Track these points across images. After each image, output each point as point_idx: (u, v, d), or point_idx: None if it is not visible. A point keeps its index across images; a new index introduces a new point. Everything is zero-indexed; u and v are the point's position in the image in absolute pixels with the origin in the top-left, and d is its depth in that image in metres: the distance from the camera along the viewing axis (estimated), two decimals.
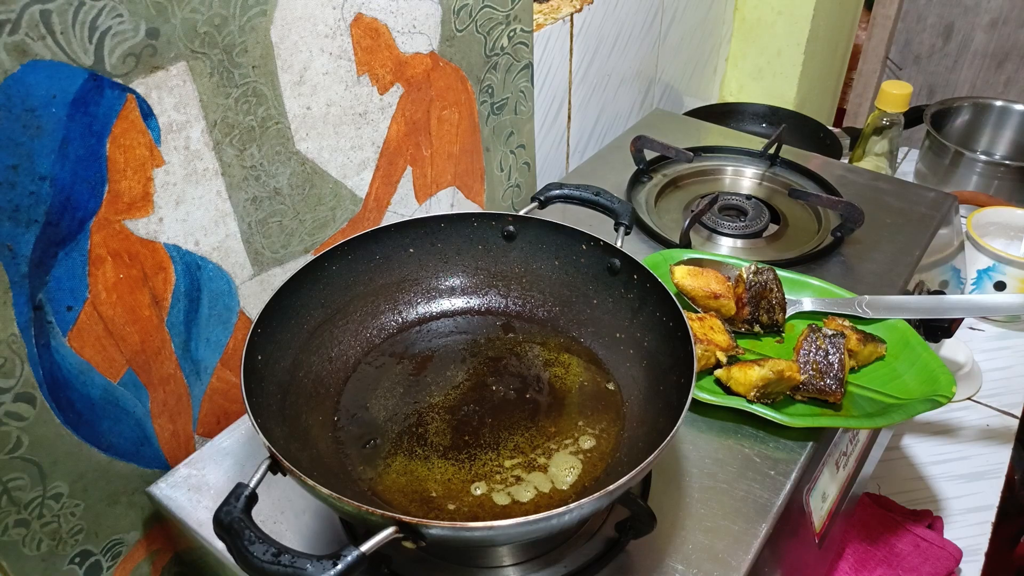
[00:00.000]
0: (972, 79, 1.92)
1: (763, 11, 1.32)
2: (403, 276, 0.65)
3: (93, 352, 0.54)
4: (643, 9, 1.05)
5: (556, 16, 0.88)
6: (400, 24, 0.67)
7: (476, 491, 0.51)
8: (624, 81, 1.08)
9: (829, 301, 0.70)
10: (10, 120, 0.45)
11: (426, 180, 0.78)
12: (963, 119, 1.22)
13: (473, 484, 0.52)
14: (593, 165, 0.98)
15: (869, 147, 1.06)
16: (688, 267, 0.69)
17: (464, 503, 0.51)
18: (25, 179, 0.47)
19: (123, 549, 0.63)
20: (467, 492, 0.51)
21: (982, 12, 1.83)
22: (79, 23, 0.46)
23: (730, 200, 0.88)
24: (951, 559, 0.69)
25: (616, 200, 0.67)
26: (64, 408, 0.54)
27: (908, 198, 0.88)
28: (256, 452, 0.62)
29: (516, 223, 0.65)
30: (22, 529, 0.54)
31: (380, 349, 0.63)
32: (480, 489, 0.51)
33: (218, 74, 0.55)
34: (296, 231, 0.67)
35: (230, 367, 0.65)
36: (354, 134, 0.68)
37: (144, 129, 0.52)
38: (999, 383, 0.84)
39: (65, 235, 0.50)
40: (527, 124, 0.88)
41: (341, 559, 0.38)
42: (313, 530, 0.57)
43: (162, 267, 0.57)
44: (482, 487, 0.52)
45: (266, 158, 0.61)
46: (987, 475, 0.75)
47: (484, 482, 0.52)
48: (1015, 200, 1.06)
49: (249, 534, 0.40)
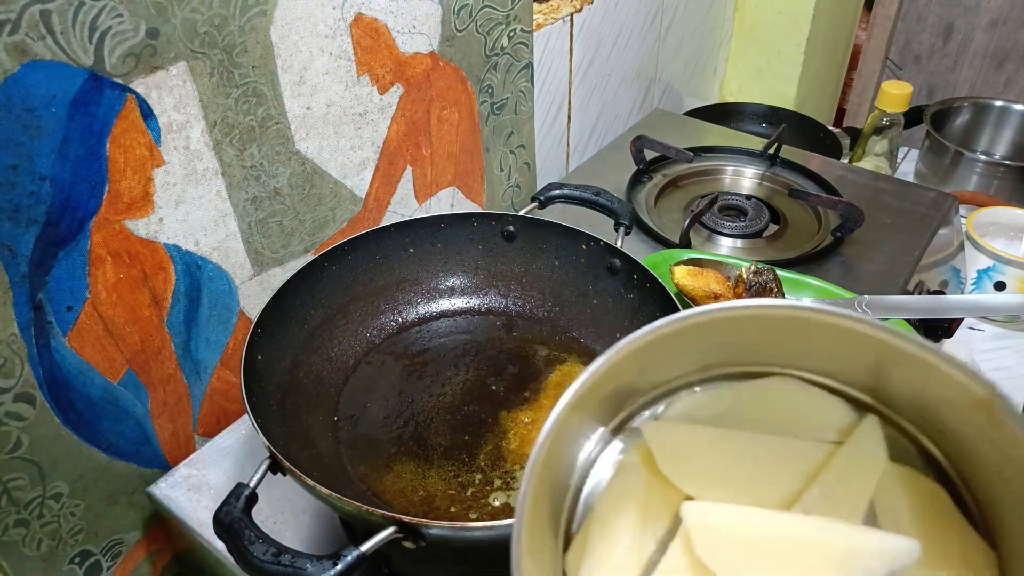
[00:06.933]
0: (972, 79, 1.92)
1: (763, 11, 1.32)
2: (403, 276, 0.65)
3: (93, 352, 0.54)
4: (643, 9, 1.05)
5: (556, 16, 0.88)
6: (400, 24, 0.67)
7: (476, 491, 0.51)
8: (624, 81, 1.08)
9: (829, 301, 0.70)
10: (10, 120, 0.45)
11: (426, 180, 0.78)
12: (963, 119, 1.22)
13: (473, 484, 0.52)
14: (593, 165, 0.98)
15: (869, 147, 1.06)
16: (688, 267, 0.69)
17: (464, 503, 0.51)
18: (25, 179, 0.47)
19: (123, 549, 0.63)
20: (467, 492, 0.51)
21: (982, 12, 1.83)
22: (79, 23, 0.46)
23: (730, 200, 0.88)
24: None
25: (616, 200, 0.67)
26: (64, 408, 0.54)
27: (908, 198, 0.88)
28: (256, 452, 0.62)
29: (516, 223, 0.65)
30: (22, 529, 0.54)
31: (380, 349, 0.63)
32: (480, 489, 0.52)
33: (218, 74, 0.55)
34: (296, 231, 0.67)
35: (230, 367, 0.65)
36: (354, 134, 0.68)
37: (144, 129, 0.52)
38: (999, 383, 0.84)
39: (65, 235, 0.50)
40: (527, 124, 0.88)
41: (341, 559, 0.38)
42: (313, 530, 0.57)
43: (162, 267, 0.57)
44: (482, 487, 0.52)
45: (266, 158, 0.61)
46: None
47: (484, 482, 0.52)
48: (1015, 200, 1.06)
49: (249, 534, 0.40)
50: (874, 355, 0.31)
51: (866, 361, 0.32)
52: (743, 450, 0.34)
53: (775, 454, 0.34)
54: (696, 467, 0.34)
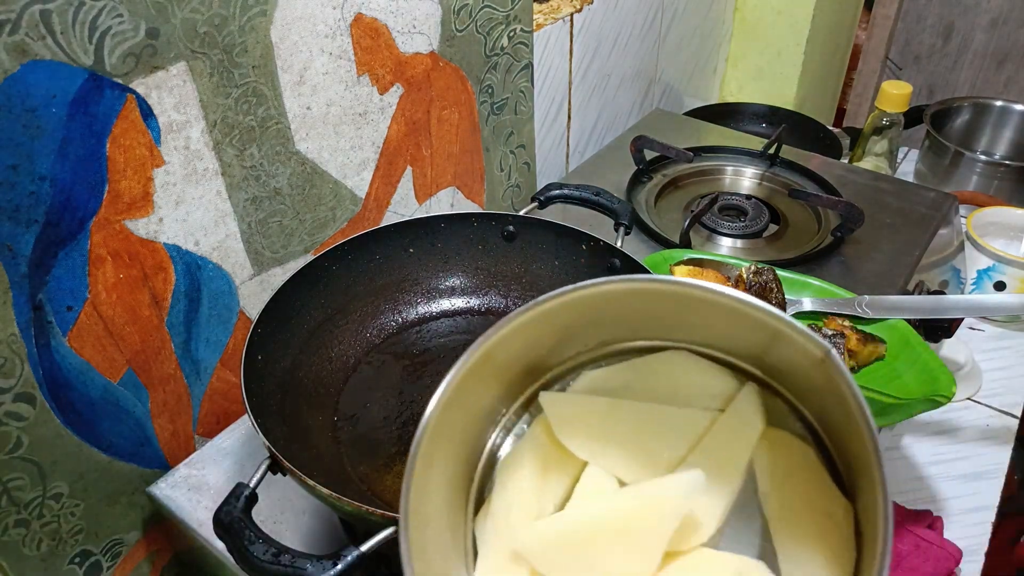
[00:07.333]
0: (972, 79, 1.92)
1: (763, 11, 1.32)
2: (403, 276, 0.65)
3: (93, 352, 0.54)
4: (643, 9, 1.05)
5: (556, 16, 0.88)
6: (400, 24, 0.67)
7: None
8: (624, 81, 1.08)
9: (829, 301, 0.70)
10: (10, 120, 0.45)
11: (426, 180, 0.78)
12: (963, 119, 1.22)
13: None
14: (593, 165, 0.98)
15: (869, 147, 1.06)
16: (688, 267, 0.69)
17: None
18: (25, 179, 0.47)
19: (123, 549, 0.63)
20: None
21: (982, 12, 1.83)
22: (79, 23, 0.46)
23: (730, 200, 0.88)
24: (951, 559, 0.69)
25: (616, 200, 0.67)
26: (64, 408, 0.54)
27: (908, 198, 0.88)
28: (256, 452, 0.62)
29: (516, 223, 0.65)
30: (22, 529, 0.54)
31: (380, 349, 0.63)
32: None
33: (218, 74, 0.55)
34: (296, 231, 0.67)
35: (230, 367, 0.65)
36: (354, 134, 0.68)
37: (144, 129, 0.52)
38: (999, 383, 0.84)
39: (65, 235, 0.50)
40: (527, 124, 0.88)
41: (341, 559, 0.38)
42: (313, 530, 0.57)
43: (162, 267, 0.57)
44: None
45: (266, 158, 0.61)
46: (987, 475, 0.75)
47: None
48: (1015, 200, 1.06)
49: (249, 534, 0.40)
50: (750, 328, 0.33)
51: (747, 334, 0.34)
52: (634, 419, 0.37)
53: (664, 422, 0.37)
54: (590, 435, 0.37)
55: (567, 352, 0.39)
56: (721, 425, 0.36)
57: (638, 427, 0.37)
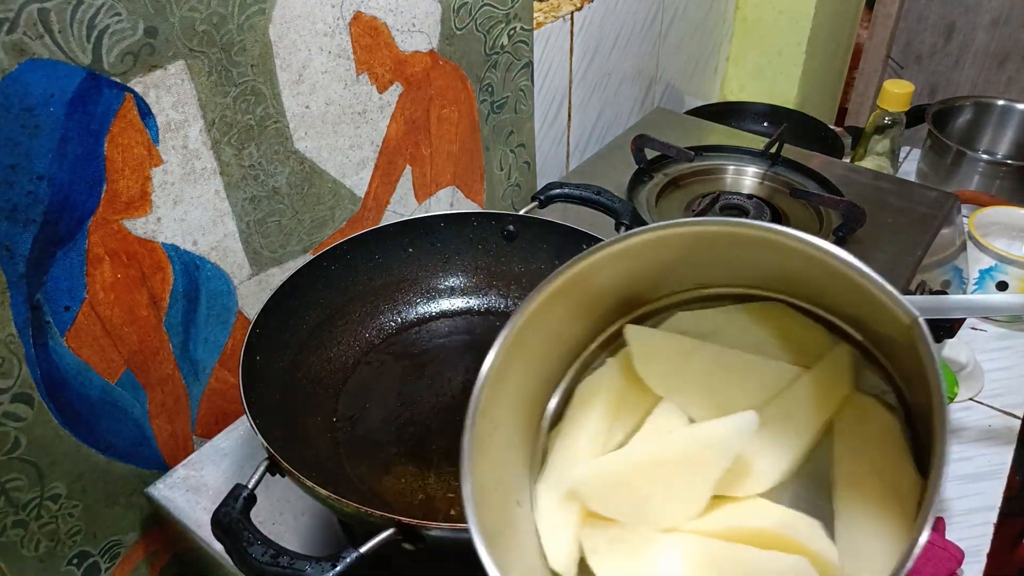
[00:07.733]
0: (974, 78, 1.91)
1: (764, 10, 1.32)
2: (403, 276, 0.65)
3: (91, 352, 0.54)
4: (644, 8, 1.05)
5: (556, 14, 0.87)
6: (399, 22, 0.67)
7: None
8: (625, 80, 1.08)
9: None
10: (8, 119, 0.44)
11: (425, 179, 0.78)
12: (965, 118, 1.22)
13: None
14: (593, 164, 0.97)
15: (871, 146, 1.06)
16: None
17: None
18: (23, 178, 0.46)
19: (121, 550, 0.62)
20: None
21: (983, 11, 1.83)
22: (77, 22, 0.45)
23: (731, 199, 0.87)
24: (953, 560, 0.68)
25: (617, 200, 0.66)
26: (62, 409, 0.54)
27: (910, 198, 0.88)
28: (254, 453, 0.62)
29: (516, 223, 0.64)
30: (20, 530, 0.54)
31: (379, 349, 0.62)
32: None
33: (216, 73, 0.54)
34: (295, 231, 0.66)
35: (228, 367, 0.65)
36: (353, 133, 0.68)
37: (142, 128, 0.52)
38: (1001, 383, 0.83)
39: (63, 235, 0.50)
40: (527, 123, 0.88)
41: (340, 560, 0.38)
42: (312, 531, 0.56)
43: (160, 267, 0.57)
44: None
45: (264, 157, 0.61)
46: (989, 476, 0.74)
47: None
48: (1017, 200, 1.06)
49: (248, 535, 0.39)
50: (846, 288, 0.32)
51: (844, 294, 0.34)
52: (717, 363, 0.37)
53: (746, 370, 0.36)
54: (669, 371, 0.37)
55: (662, 290, 0.39)
56: (804, 382, 0.35)
57: (719, 371, 0.36)
